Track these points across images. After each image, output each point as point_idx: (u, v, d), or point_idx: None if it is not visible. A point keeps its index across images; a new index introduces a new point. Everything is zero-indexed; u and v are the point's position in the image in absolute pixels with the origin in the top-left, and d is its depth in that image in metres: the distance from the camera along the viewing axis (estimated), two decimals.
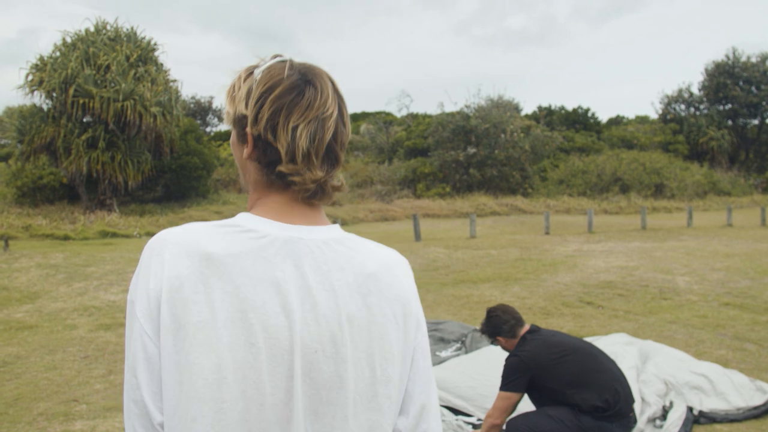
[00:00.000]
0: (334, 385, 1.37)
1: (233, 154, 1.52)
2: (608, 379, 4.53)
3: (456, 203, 35.37)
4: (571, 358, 4.55)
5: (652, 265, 15.13)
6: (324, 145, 1.42)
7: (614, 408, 4.42)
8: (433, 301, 11.37)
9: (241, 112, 1.44)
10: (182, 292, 1.32)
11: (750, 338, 8.57)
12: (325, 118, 1.41)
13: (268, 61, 1.46)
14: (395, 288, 1.47)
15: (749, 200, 39.78)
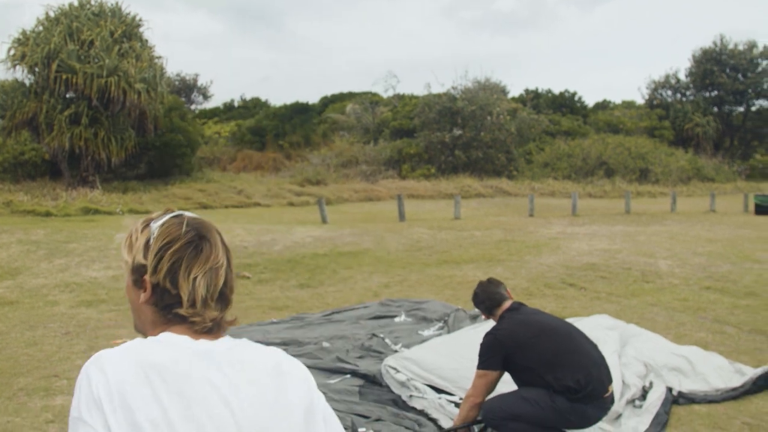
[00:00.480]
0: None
1: (128, 296, 1.72)
2: (584, 361, 4.50)
3: (441, 184, 35.36)
4: (548, 337, 4.53)
5: (635, 249, 15.18)
6: (218, 290, 1.66)
7: (585, 389, 4.40)
8: (416, 281, 11.37)
9: (140, 261, 1.65)
10: (132, 393, 1.47)
11: (730, 321, 8.62)
12: (217, 268, 1.66)
13: (163, 217, 1.69)
14: (295, 367, 1.73)
15: (732, 187, 40.02)
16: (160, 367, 1.50)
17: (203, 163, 39.73)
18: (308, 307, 9.41)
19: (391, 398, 5.73)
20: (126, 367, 1.49)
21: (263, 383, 1.62)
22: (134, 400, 1.45)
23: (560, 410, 4.36)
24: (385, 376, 6.05)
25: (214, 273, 1.64)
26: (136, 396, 1.45)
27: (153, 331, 1.66)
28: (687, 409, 5.68)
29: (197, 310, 1.62)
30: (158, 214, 1.72)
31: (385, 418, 5.25)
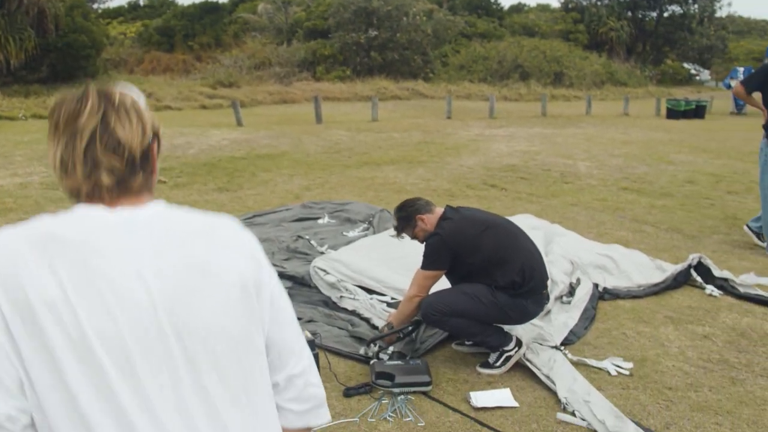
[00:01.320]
0: (202, 335, 1.40)
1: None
2: (525, 256, 4.49)
3: (357, 87, 34.92)
4: (491, 232, 4.48)
5: (554, 150, 15.32)
6: (80, 154, 1.43)
7: (529, 284, 4.40)
8: (337, 182, 11.23)
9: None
10: (26, 269, 1.30)
11: (648, 221, 8.79)
12: (81, 130, 1.42)
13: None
14: (237, 236, 1.54)
15: (644, 91, 40.70)
16: (63, 240, 1.33)
17: (109, 65, 38.16)
18: (228, 211, 9.18)
19: (322, 299, 5.64)
20: (20, 242, 1.32)
21: (189, 253, 1.42)
22: (27, 278, 1.28)
23: (501, 306, 4.35)
24: (314, 277, 5.95)
25: (78, 135, 1.41)
26: (30, 272, 1.29)
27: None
28: (612, 304, 5.77)
29: (76, 176, 1.42)
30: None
31: (317, 319, 5.17)
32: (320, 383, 1.68)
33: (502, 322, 4.51)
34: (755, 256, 7.27)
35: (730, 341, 5.06)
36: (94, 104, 1.43)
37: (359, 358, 4.58)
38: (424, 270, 4.46)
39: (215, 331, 1.42)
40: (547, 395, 4.16)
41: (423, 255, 4.47)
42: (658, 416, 3.95)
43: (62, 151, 1.42)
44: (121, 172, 1.43)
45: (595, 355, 4.73)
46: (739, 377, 4.48)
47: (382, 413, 3.92)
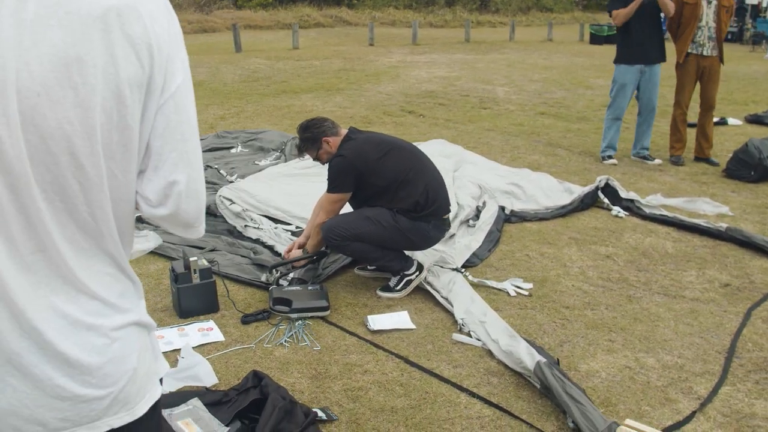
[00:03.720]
0: (61, 133, 1.16)
1: None
2: (429, 177, 4.47)
3: (279, 14, 34.14)
4: (395, 154, 4.43)
5: (474, 76, 15.28)
6: None
7: (431, 207, 4.38)
8: (253, 111, 11.02)
9: None
10: None
11: (562, 144, 8.85)
12: None
13: None
14: (143, 27, 1.22)
15: (570, 17, 40.64)
16: None
17: None
18: None
19: (226, 228, 5.55)
20: None
21: (74, 31, 1.15)
22: None
23: (402, 229, 4.32)
24: (219, 206, 5.84)
25: None
26: None
27: None
28: (519, 227, 5.81)
29: None
30: None
31: (219, 248, 5.08)
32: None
33: (403, 246, 4.49)
34: (663, 177, 7.39)
35: (631, 260, 5.15)
36: None
37: (260, 285, 4.53)
38: (330, 193, 4.41)
39: (72, 134, 1.17)
40: (445, 317, 4.18)
41: (328, 178, 4.41)
42: (553, 334, 4.01)
43: None
44: None
45: (496, 277, 4.76)
46: (636, 295, 4.57)
47: (278, 338, 3.89)
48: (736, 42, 25.49)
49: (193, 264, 4.12)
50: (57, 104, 1.15)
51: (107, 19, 1.18)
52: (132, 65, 1.21)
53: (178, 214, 1.36)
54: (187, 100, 1.33)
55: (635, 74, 7.70)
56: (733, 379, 3.58)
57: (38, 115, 1.14)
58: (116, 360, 1.31)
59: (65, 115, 1.16)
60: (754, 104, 12.08)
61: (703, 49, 7.65)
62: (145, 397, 1.39)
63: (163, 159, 1.31)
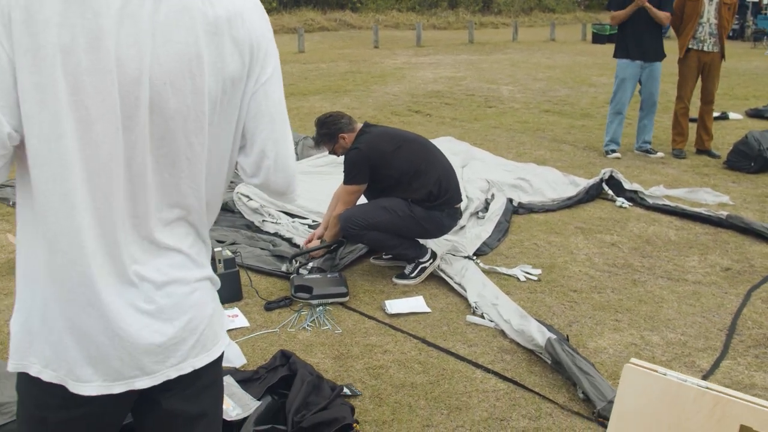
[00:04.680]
0: (180, 116, 1.41)
1: None
2: (441, 168, 4.69)
3: (283, 18, 34.38)
4: (408, 146, 4.66)
5: (478, 76, 15.48)
6: None
7: (444, 197, 4.60)
8: None
9: None
10: (42, 13, 1.29)
11: (566, 140, 9.05)
12: None
13: None
14: (246, 30, 1.49)
15: (572, 17, 40.81)
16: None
17: None
18: None
19: (245, 223, 5.76)
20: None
21: (196, 36, 1.40)
22: (44, 22, 1.28)
23: (417, 218, 4.54)
24: (237, 203, 6.04)
25: None
26: (48, 16, 1.28)
27: None
28: (526, 218, 6.02)
29: None
30: None
31: (240, 242, 5.29)
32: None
33: (418, 234, 4.70)
34: (666, 170, 7.59)
35: (635, 248, 5.35)
36: None
37: (280, 274, 4.74)
38: (347, 185, 4.61)
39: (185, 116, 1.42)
40: (458, 301, 4.39)
41: (344, 171, 4.62)
42: (562, 315, 4.21)
43: None
44: None
45: (506, 264, 4.96)
46: (640, 279, 4.77)
47: (301, 323, 4.10)
48: (738, 39, 25.69)
49: (217, 254, 4.33)
50: (179, 91, 1.40)
51: (219, 24, 1.43)
52: (235, 62, 1.47)
53: (268, 184, 1.62)
54: (276, 89, 1.58)
55: (636, 69, 7.91)
56: (734, 353, 3.78)
57: (163, 100, 1.39)
58: (198, 307, 1.53)
59: (184, 101, 1.41)
60: (754, 99, 12.28)
61: (704, 45, 7.86)
62: (218, 341, 1.62)
63: (255, 138, 1.57)
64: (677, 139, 8.24)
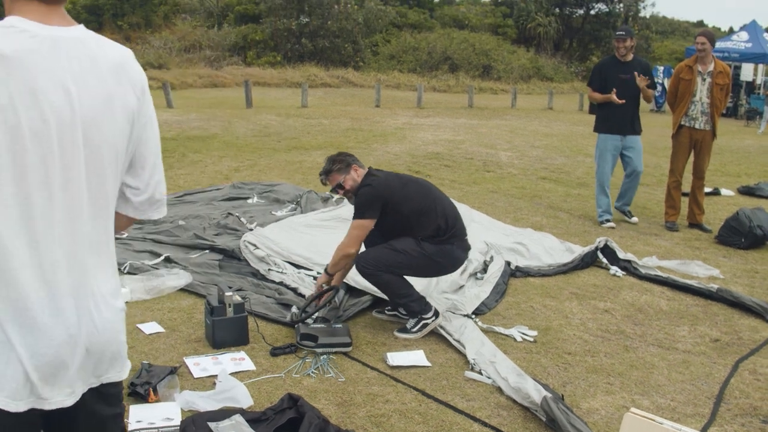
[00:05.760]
0: (103, 146, 1.82)
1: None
2: (446, 206, 4.95)
3: (287, 73, 34.93)
4: (413, 185, 4.95)
5: (477, 140, 15.79)
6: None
7: (452, 230, 4.83)
8: (266, 165, 11.47)
9: None
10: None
11: (563, 208, 9.28)
12: None
13: None
14: (136, 72, 1.93)
15: (570, 87, 41.45)
16: (9, 57, 1.63)
17: None
18: None
19: (251, 271, 5.92)
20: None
21: (104, 79, 1.81)
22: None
23: (429, 255, 4.75)
24: (243, 251, 6.22)
25: None
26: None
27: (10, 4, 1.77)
28: (523, 281, 6.20)
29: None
30: None
31: (246, 288, 5.46)
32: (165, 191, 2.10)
33: (436, 272, 4.92)
34: (659, 241, 7.80)
35: (628, 315, 5.53)
36: None
37: (285, 322, 4.89)
38: (357, 219, 4.75)
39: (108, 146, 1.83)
40: (457, 357, 4.55)
41: (355, 207, 4.79)
42: (556, 376, 4.37)
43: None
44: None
45: (503, 324, 5.13)
46: (632, 345, 4.94)
47: (305, 370, 4.25)
48: (731, 116, 26.15)
49: (227, 299, 4.50)
50: (101, 125, 1.81)
51: (119, 69, 1.86)
52: (134, 99, 1.90)
53: (155, 196, 2.03)
54: (156, 123, 2.03)
55: (615, 142, 8.26)
56: (721, 421, 3.94)
57: (90, 136, 1.79)
58: None
59: (105, 132, 1.82)
60: (746, 176, 12.57)
61: (696, 123, 8.17)
62: None
63: (146, 160, 1.99)
64: (670, 212, 8.49)
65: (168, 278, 5.48)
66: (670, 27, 64.88)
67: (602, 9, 51.43)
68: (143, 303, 5.25)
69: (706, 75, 8.12)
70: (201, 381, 4.11)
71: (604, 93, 8.20)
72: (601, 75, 8.36)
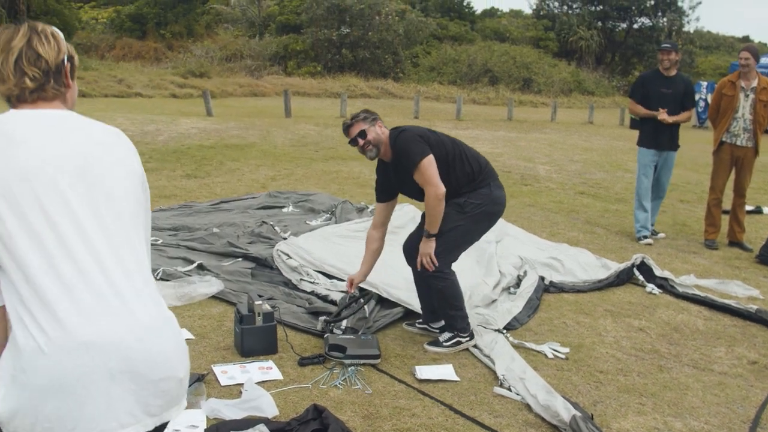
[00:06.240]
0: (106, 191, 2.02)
1: None
2: (468, 150, 4.86)
3: (327, 83, 35.12)
4: (438, 133, 4.86)
5: (516, 153, 15.70)
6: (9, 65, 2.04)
7: (484, 171, 4.76)
8: (302, 174, 11.50)
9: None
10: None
11: (600, 223, 9.17)
12: (11, 47, 2.05)
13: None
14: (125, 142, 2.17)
15: (611, 101, 41.16)
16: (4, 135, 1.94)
17: (80, 49, 37.91)
18: (196, 197, 9.42)
19: (282, 280, 5.92)
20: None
21: (91, 136, 2.06)
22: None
23: (476, 212, 4.69)
24: (276, 260, 6.22)
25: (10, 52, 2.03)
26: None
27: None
28: (557, 297, 6.12)
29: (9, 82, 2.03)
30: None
31: (277, 297, 5.46)
32: None
33: (487, 222, 4.83)
34: (697, 259, 7.67)
35: (663, 334, 5.43)
36: (24, 31, 2.07)
37: (315, 332, 4.87)
38: (421, 159, 4.49)
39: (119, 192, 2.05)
40: (486, 372, 4.49)
41: (410, 153, 4.54)
42: (587, 395, 4.29)
43: (0, 66, 2.02)
44: (40, 78, 2.04)
45: (535, 340, 5.06)
46: (666, 365, 4.84)
47: (333, 381, 4.22)
48: None
49: (257, 308, 4.49)
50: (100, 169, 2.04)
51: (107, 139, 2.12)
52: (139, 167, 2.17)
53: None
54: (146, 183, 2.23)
55: (653, 156, 8.15)
56: None
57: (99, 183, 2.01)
58: None
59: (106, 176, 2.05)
60: None
61: (737, 139, 8.03)
62: None
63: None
64: (709, 229, 8.35)
65: (199, 285, 5.49)
66: (714, 42, 64.18)
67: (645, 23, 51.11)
68: (174, 309, 5.20)
69: (749, 91, 7.98)
70: (228, 389, 4.10)
71: (645, 106, 8.12)
72: (643, 88, 8.27)
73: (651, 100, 8.10)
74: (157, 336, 2.00)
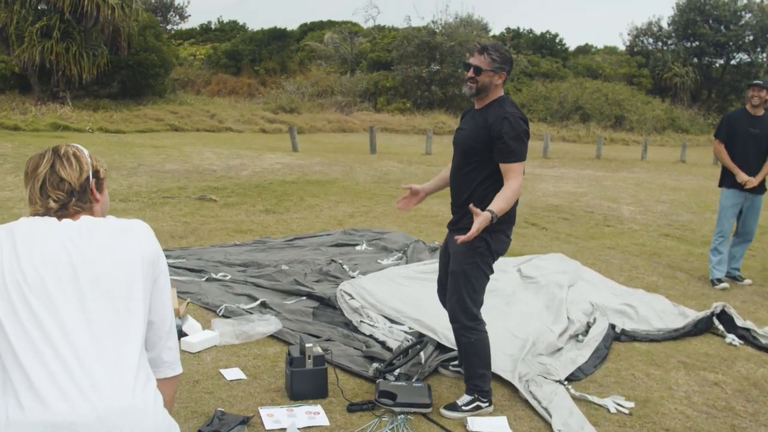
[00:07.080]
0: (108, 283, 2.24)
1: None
2: None
3: (415, 119, 35.27)
4: None
5: (600, 193, 15.36)
6: (37, 190, 2.35)
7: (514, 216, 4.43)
8: (381, 212, 11.47)
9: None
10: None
11: (682, 268, 8.82)
12: (38, 174, 2.33)
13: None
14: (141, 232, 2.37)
15: (706, 139, 39.98)
16: (19, 232, 2.22)
17: (177, 84, 39.10)
18: (272, 232, 9.49)
19: (343, 321, 5.86)
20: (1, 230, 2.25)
21: (104, 240, 2.25)
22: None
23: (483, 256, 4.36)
24: (339, 300, 6.16)
25: (36, 179, 2.31)
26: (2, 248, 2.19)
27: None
28: (627, 346, 5.86)
29: (36, 204, 2.32)
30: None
31: (335, 338, 5.39)
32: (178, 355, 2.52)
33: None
34: None
35: (740, 390, 5.12)
36: (48, 157, 2.32)
37: (368, 377, 4.77)
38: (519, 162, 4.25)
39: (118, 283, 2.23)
40: (542, 426, 4.30)
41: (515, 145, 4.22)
42: None
43: (29, 191, 2.32)
44: (64, 199, 2.30)
45: (598, 393, 4.84)
46: (741, 425, 4.55)
47: (381, 429, 4.11)
48: None
49: (308, 350, 4.43)
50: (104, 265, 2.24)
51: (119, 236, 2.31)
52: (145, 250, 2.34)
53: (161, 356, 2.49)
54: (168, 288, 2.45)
55: (737, 198, 7.82)
56: None
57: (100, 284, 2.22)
58: None
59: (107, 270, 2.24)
60: None
61: None
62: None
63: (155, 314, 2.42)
64: None
65: (258, 324, 5.47)
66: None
67: (744, 59, 49.69)
68: (231, 348, 5.25)
69: None
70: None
71: (731, 145, 7.81)
72: (729, 127, 7.97)
73: (737, 140, 7.79)
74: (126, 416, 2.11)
